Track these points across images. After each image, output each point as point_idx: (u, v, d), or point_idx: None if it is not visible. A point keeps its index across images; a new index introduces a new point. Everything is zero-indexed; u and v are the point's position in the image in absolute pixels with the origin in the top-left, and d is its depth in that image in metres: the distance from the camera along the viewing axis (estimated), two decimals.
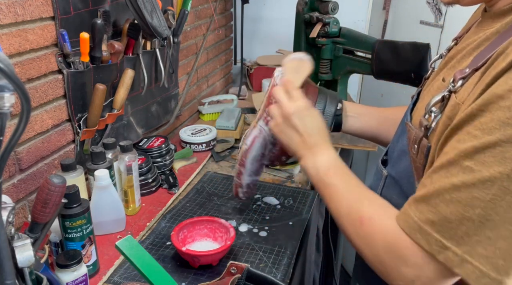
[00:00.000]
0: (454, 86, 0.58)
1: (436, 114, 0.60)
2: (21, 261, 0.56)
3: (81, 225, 0.83)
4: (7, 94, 0.41)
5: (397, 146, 0.74)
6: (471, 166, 0.51)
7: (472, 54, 0.60)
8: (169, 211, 1.11)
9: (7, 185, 0.87)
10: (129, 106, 1.23)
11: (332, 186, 0.73)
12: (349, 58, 1.46)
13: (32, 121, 0.91)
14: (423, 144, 0.62)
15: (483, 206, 0.50)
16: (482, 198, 0.50)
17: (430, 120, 0.61)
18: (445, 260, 0.53)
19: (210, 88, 1.91)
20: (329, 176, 0.74)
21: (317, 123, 0.81)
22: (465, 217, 0.52)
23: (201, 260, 0.89)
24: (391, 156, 0.77)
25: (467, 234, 0.52)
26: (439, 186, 0.55)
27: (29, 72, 0.88)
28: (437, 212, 0.54)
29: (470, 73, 0.57)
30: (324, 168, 0.76)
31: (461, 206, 0.52)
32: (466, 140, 0.52)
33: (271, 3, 2.05)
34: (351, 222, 0.67)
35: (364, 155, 2.21)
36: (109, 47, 1.07)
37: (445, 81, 0.65)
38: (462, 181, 0.52)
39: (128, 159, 1.05)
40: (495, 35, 0.58)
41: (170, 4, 1.35)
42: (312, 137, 0.79)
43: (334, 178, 0.73)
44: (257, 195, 1.19)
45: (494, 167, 0.49)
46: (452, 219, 0.53)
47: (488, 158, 0.50)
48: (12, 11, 0.82)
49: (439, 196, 0.54)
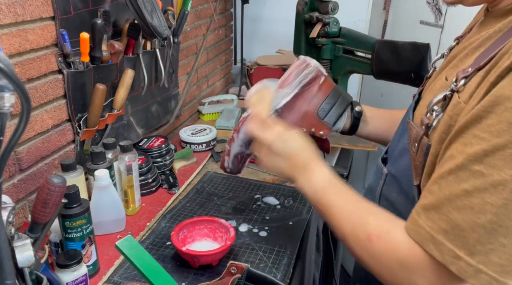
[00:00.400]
0: (456, 85, 0.58)
1: (438, 113, 0.60)
2: (21, 261, 0.56)
3: (81, 225, 0.83)
4: (7, 94, 0.41)
5: (398, 145, 0.74)
6: (481, 170, 0.50)
7: (474, 53, 0.60)
8: (169, 211, 1.11)
9: (7, 185, 0.87)
10: (129, 106, 1.23)
11: (333, 207, 0.69)
12: (349, 58, 1.46)
13: (32, 121, 0.91)
14: (423, 142, 0.61)
15: (495, 211, 0.49)
16: (494, 203, 0.49)
17: (431, 119, 0.60)
18: (458, 271, 0.52)
19: (210, 88, 1.91)
20: (327, 196, 0.71)
21: (301, 142, 0.78)
22: (477, 224, 0.50)
23: (201, 260, 0.89)
24: (391, 155, 0.77)
25: (479, 242, 0.50)
26: (449, 193, 0.53)
27: (29, 72, 0.88)
28: (449, 220, 0.52)
29: (472, 72, 0.56)
30: (321, 187, 0.72)
31: (473, 213, 0.50)
32: (473, 143, 0.51)
33: (271, 3, 2.04)
34: (359, 241, 0.64)
35: (364, 155, 2.21)
36: (109, 47, 1.07)
37: (447, 80, 0.64)
38: (474, 186, 0.50)
39: (128, 159, 1.05)
40: (498, 33, 0.57)
41: (170, 4, 1.35)
42: (300, 157, 0.77)
43: (333, 198, 0.70)
44: (257, 195, 1.19)
45: (505, 170, 0.48)
46: (464, 227, 0.51)
47: (498, 161, 0.49)
48: (12, 11, 0.82)
49: (450, 203, 0.53)
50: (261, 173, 1.33)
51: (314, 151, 0.78)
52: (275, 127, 0.80)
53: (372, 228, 0.63)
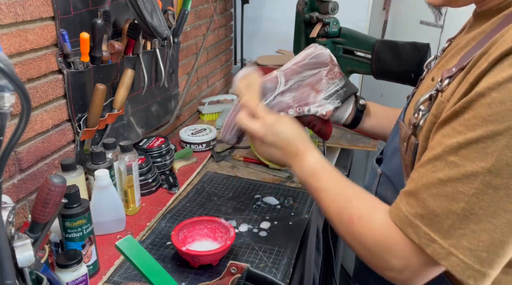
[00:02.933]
0: (441, 85, 0.60)
1: (424, 112, 0.63)
2: (21, 261, 0.56)
3: (81, 225, 0.83)
4: (7, 94, 0.41)
5: (391, 145, 0.76)
6: (455, 161, 0.53)
7: (459, 54, 0.62)
8: (169, 211, 1.11)
9: (7, 185, 0.87)
10: (129, 106, 1.23)
11: (321, 189, 0.73)
12: (349, 58, 1.46)
13: (32, 121, 0.91)
14: (411, 141, 0.64)
15: (467, 200, 0.52)
16: (466, 192, 0.52)
17: (418, 119, 0.63)
18: (432, 253, 0.55)
19: (210, 88, 1.91)
20: (316, 180, 0.75)
21: (291, 131, 0.81)
22: (451, 210, 0.54)
23: (201, 260, 0.89)
24: (385, 155, 0.79)
25: (452, 227, 0.54)
26: (426, 181, 0.56)
27: (29, 72, 0.88)
28: (425, 206, 0.56)
29: (456, 72, 0.59)
30: (311, 172, 0.76)
31: (447, 200, 0.54)
32: (451, 136, 0.54)
33: (271, 3, 2.05)
34: (342, 222, 0.68)
35: (364, 155, 2.21)
36: (109, 47, 1.08)
37: (433, 81, 0.67)
38: (448, 175, 0.54)
39: (128, 159, 1.05)
40: (482, 34, 0.60)
41: (170, 4, 1.35)
42: (292, 145, 0.79)
43: (321, 181, 0.74)
44: (257, 195, 1.19)
45: (476, 162, 0.51)
46: (439, 212, 0.55)
47: (471, 154, 0.52)
48: (12, 11, 0.82)
49: (427, 191, 0.56)
50: (261, 173, 1.33)
51: (305, 138, 0.81)
52: (265, 118, 0.81)
53: (354, 210, 0.67)
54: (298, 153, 0.79)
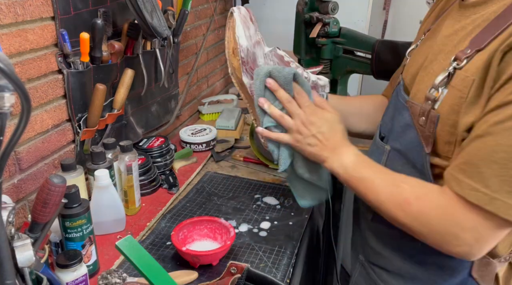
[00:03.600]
0: (458, 65, 0.66)
1: (443, 89, 0.68)
2: (21, 261, 0.56)
3: (81, 225, 0.83)
4: (7, 94, 0.41)
5: (397, 122, 0.81)
6: None
7: (466, 39, 0.68)
8: (169, 211, 1.11)
9: (7, 185, 0.87)
10: (129, 106, 1.23)
11: (365, 179, 0.77)
12: (349, 58, 1.46)
13: (32, 121, 0.91)
14: (432, 114, 0.69)
15: None
16: None
17: (437, 95, 0.69)
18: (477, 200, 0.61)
19: (210, 88, 1.91)
20: (359, 171, 0.79)
21: (333, 126, 0.85)
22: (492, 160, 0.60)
23: (201, 260, 0.89)
24: (391, 132, 0.83)
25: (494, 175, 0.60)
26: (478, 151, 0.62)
27: (29, 72, 0.88)
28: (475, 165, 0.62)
29: (473, 53, 0.65)
30: (352, 164, 0.80)
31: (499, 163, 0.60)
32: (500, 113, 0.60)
33: (271, 3, 2.04)
34: (399, 206, 0.70)
35: None
36: (109, 47, 1.08)
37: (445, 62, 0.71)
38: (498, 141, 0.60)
39: (128, 159, 1.05)
40: (493, 14, 0.65)
41: (170, 4, 1.35)
42: (330, 140, 0.83)
43: (364, 172, 0.78)
44: (257, 195, 1.19)
45: None
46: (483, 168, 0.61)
47: None
48: (12, 11, 0.82)
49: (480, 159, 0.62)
50: (261, 173, 1.33)
51: (344, 135, 0.85)
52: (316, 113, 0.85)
53: (408, 192, 0.70)
54: (337, 148, 0.82)
